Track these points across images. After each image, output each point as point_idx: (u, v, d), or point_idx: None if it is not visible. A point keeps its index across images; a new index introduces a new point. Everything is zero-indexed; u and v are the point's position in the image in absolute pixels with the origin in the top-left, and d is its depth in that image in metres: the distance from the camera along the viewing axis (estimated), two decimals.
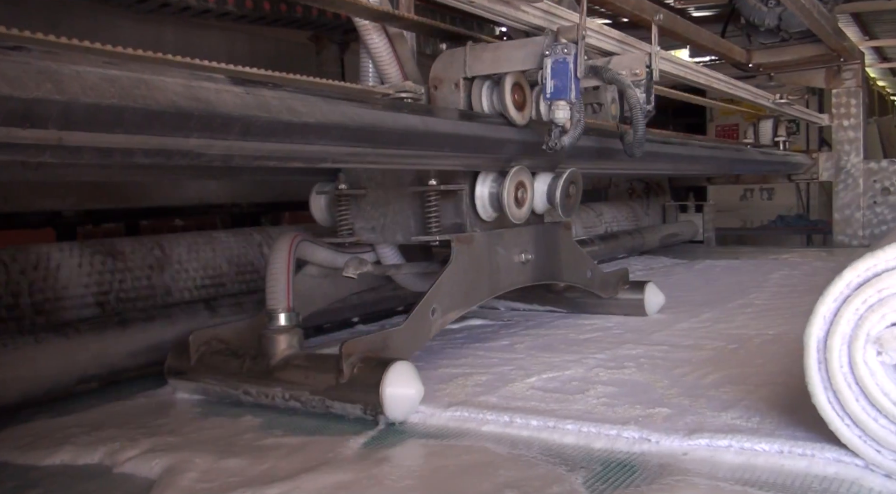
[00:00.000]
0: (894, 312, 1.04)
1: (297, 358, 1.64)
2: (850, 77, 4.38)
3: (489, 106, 1.95)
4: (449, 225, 1.94)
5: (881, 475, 1.05)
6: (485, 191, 1.94)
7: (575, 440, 1.28)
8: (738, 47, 4.00)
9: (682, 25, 2.85)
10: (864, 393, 1.05)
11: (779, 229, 6.37)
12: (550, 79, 1.78)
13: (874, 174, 4.36)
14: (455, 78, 1.94)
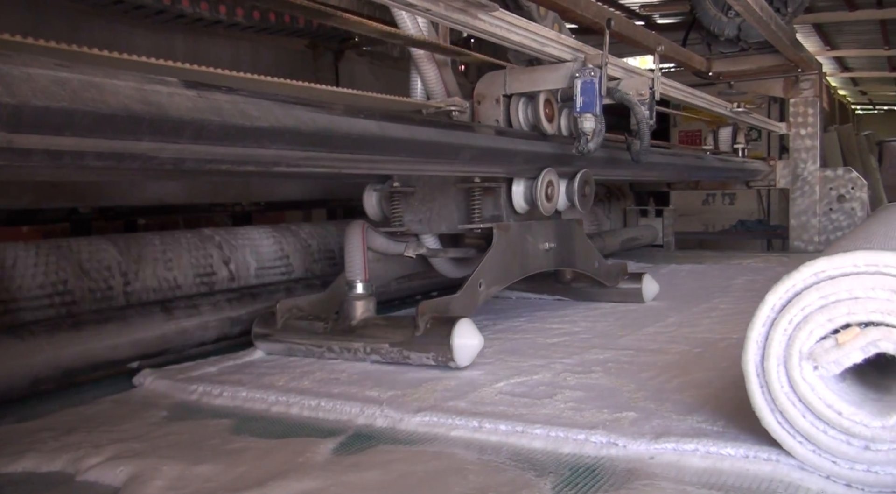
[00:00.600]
0: (821, 326, 1.07)
1: (375, 319, 2.02)
2: (808, 87, 4.50)
3: (524, 118, 2.37)
4: (489, 216, 2.31)
5: (842, 484, 1.07)
6: (520, 188, 2.33)
7: (543, 444, 1.28)
8: (698, 56, 4.08)
9: (641, 34, 2.90)
10: (810, 409, 1.07)
11: (739, 233, 6.48)
12: (580, 96, 2.16)
13: (830, 182, 4.47)
14: (496, 95, 2.36)
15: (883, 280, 1.04)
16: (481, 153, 2.05)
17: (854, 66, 14.16)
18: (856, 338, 1.03)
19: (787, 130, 4.57)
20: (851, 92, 17.91)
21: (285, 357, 2.02)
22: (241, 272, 2.32)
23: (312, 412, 1.53)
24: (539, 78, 2.34)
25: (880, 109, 21.08)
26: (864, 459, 1.04)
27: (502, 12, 1.90)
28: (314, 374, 1.80)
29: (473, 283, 2.09)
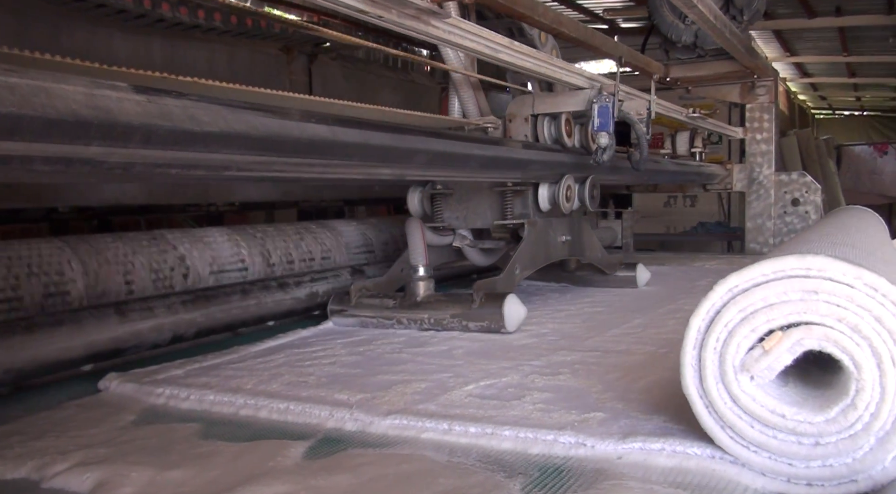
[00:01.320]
0: (746, 338, 1.10)
1: (436, 295, 2.49)
2: (764, 93, 4.60)
3: (548, 134, 2.86)
4: (518, 214, 2.78)
5: (804, 484, 1.09)
6: (545, 191, 2.78)
7: (513, 446, 1.29)
8: (655, 62, 4.14)
9: (599, 39, 2.97)
10: (756, 418, 1.09)
11: (700, 235, 6.60)
12: (597, 117, 2.67)
13: (785, 186, 4.57)
14: (525, 114, 2.86)
15: (793, 283, 1.08)
16: (511, 163, 2.49)
17: (814, 71, 14.45)
18: (780, 342, 1.07)
19: (743, 135, 4.66)
20: (811, 97, 18.26)
21: (253, 360, 2.00)
22: (197, 274, 2.30)
23: (281, 415, 1.52)
24: (561, 101, 2.87)
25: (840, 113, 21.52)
26: (817, 455, 1.06)
27: (456, 19, 1.94)
28: (282, 377, 1.79)
29: (512, 267, 2.58)
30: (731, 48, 3.66)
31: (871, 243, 1.68)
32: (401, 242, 3.14)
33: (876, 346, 1.04)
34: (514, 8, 2.26)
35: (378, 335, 2.32)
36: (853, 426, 1.04)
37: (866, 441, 1.04)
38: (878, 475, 1.04)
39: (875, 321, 1.04)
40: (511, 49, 2.29)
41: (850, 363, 1.05)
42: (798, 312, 1.08)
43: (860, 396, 1.04)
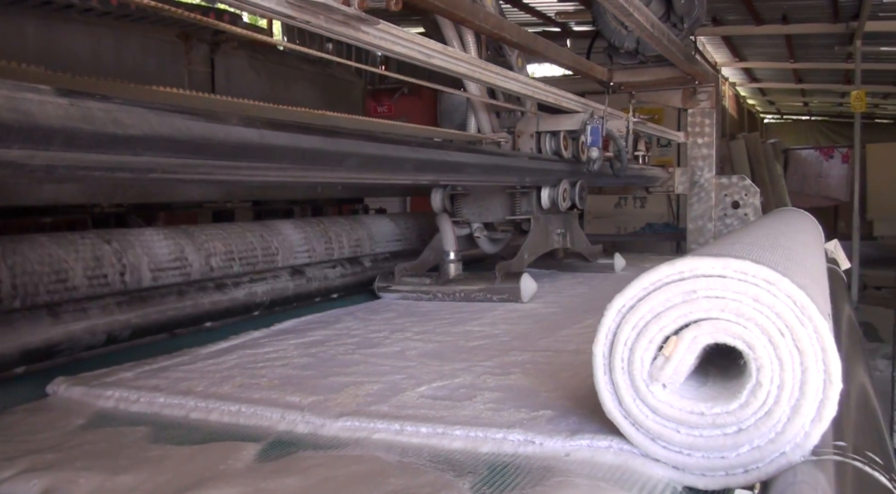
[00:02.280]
0: (646, 350, 1.14)
1: (464, 274, 3.19)
2: (705, 99, 4.72)
3: (549, 148, 3.47)
4: (525, 211, 3.43)
5: (741, 472, 1.12)
6: (545, 192, 3.39)
7: (463, 445, 1.31)
8: (599, 67, 4.25)
9: (542, 45, 3.04)
10: (679, 423, 1.13)
11: (647, 235, 6.74)
12: (590, 136, 3.43)
13: (725, 189, 4.70)
14: (530, 131, 3.51)
15: (672, 289, 1.13)
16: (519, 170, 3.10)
17: (762, 77, 14.80)
18: (676, 346, 1.11)
19: (685, 139, 4.77)
20: (760, 102, 18.69)
21: (204, 362, 1.99)
22: (135, 275, 2.28)
23: (232, 418, 1.52)
24: (560, 122, 3.52)
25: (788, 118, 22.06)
26: (743, 441, 1.10)
27: (386, 24, 1.95)
28: (234, 379, 1.79)
29: (522, 253, 3.24)
30: (670, 55, 3.76)
31: (777, 238, 1.76)
32: (347, 242, 3.28)
33: (762, 324, 1.09)
34: (454, 12, 2.29)
35: (331, 336, 2.32)
36: (765, 403, 1.09)
37: (781, 412, 1.08)
38: (803, 441, 1.08)
39: (754, 301, 1.09)
40: (444, 54, 2.33)
41: (745, 346, 1.10)
42: (685, 314, 1.13)
43: (762, 373, 1.08)
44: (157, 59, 3.26)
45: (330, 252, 3.18)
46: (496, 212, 3.48)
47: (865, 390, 1.55)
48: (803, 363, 1.08)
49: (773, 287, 1.09)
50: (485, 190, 3.43)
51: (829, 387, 1.07)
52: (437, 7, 2.18)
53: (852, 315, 2.46)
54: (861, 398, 1.46)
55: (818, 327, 1.08)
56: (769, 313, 1.09)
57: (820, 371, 1.07)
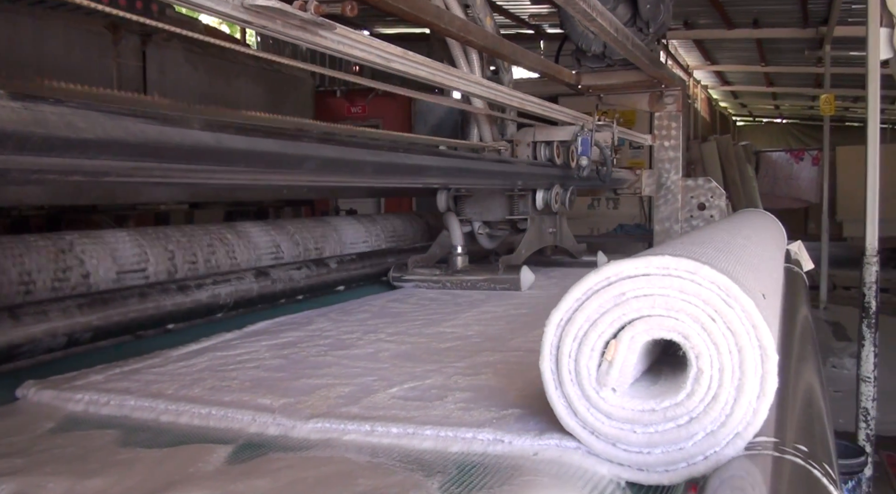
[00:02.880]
0: (590, 359, 1.16)
1: (470, 266, 3.53)
2: (672, 102, 4.79)
3: (544, 155, 3.90)
4: (522, 211, 3.73)
5: (701, 459, 1.13)
6: (540, 195, 3.73)
7: (433, 445, 1.32)
8: (567, 70, 4.30)
9: (508, 48, 3.09)
10: (634, 423, 1.15)
11: (619, 236, 6.82)
12: (580, 145, 3.75)
13: (691, 191, 4.77)
14: (527, 141, 4.00)
15: (603, 294, 1.16)
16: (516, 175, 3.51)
17: (734, 80, 14.99)
18: (616, 349, 1.14)
19: (652, 142, 4.83)
20: (732, 104, 18.93)
21: (175, 364, 1.98)
22: (98, 277, 2.27)
23: (203, 421, 1.51)
24: (554, 133, 3.93)
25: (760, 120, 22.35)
26: (696, 429, 1.12)
27: (345, 29, 1.97)
28: (205, 381, 1.78)
29: (520, 249, 3.60)
30: (635, 59, 3.85)
31: (728, 237, 1.80)
32: (313, 244, 3.31)
33: (692, 313, 1.12)
34: (420, 16, 2.30)
35: (303, 338, 2.32)
36: (710, 387, 1.11)
37: (727, 394, 1.11)
38: (752, 418, 1.11)
39: (681, 293, 1.13)
40: (405, 58, 2.35)
41: (680, 337, 1.13)
42: (618, 317, 1.15)
43: (701, 360, 1.11)
44: (82, 52, 3.09)
45: (296, 254, 3.17)
46: (496, 212, 3.78)
47: (812, 388, 1.59)
48: (738, 343, 1.11)
49: (695, 276, 1.12)
50: (485, 192, 3.72)
51: (767, 361, 1.10)
52: (402, 10, 2.19)
53: (808, 315, 2.51)
54: (806, 396, 1.49)
55: (745, 306, 1.11)
56: (697, 301, 1.12)
57: (755, 348, 1.10)
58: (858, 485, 3.18)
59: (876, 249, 4.03)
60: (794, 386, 1.48)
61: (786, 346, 1.77)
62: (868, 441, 3.86)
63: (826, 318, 7.88)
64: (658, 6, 4.14)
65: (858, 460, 3.23)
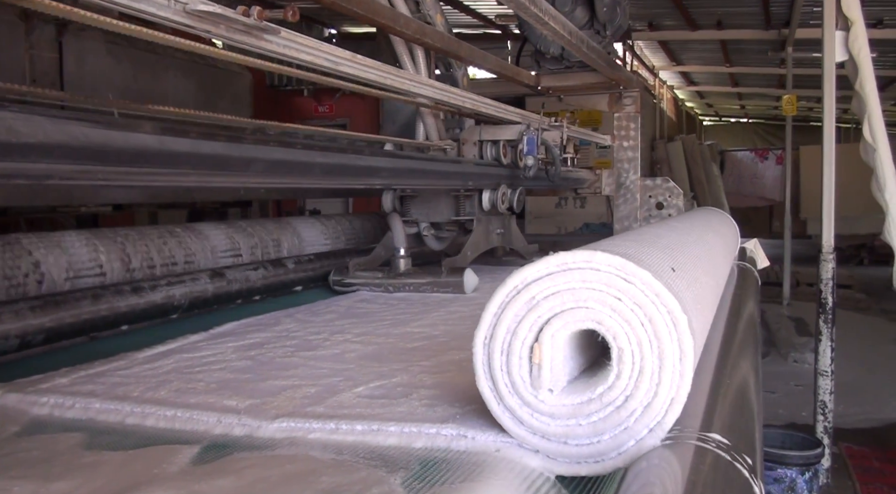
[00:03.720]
0: (521, 367, 1.20)
1: (413, 269, 3.44)
2: (630, 103, 4.86)
3: (490, 155, 3.81)
4: (468, 212, 3.67)
5: (646, 431, 1.16)
6: (486, 195, 3.65)
7: (397, 441, 1.33)
8: (525, 72, 4.36)
9: (465, 50, 3.14)
10: (580, 416, 1.18)
11: (585, 235, 6.91)
12: (526, 145, 3.72)
13: (650, 190, 4.86)
14: (474, 139, 3.89)
15: (516, 303, 1.21)
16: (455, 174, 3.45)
17: (699, 80, 15.18)
18: (540, 352, 1.18)
19: (612, 142, 4.90)
20: (699, 104, 19.16)
21: (141, 366, 1.98)
22: (51, 278, 2.26)
23: (169, 423, 1.52)
24: (501, 132, 3.86)
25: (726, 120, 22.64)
26: (630, 410, 1.16)
27: (290, 33, 1.98)
28: (171, 383, 1.78)
29: (465, 250, 3.51)
30: (590, 61, 3.90)
31: (661, 233, 1.86)
32: (272, 244, 3.30)
33: (599, 298, 1.17)
34: (375, 19, 2.33)
35: (270, 339, 2.33)
36: (634, 364, 1.16)
37: (651, 365, 1.15)
38: (681, 383, 1.15)
39: (584, 283, 1.18)
40: (353, 62, 2.37)
41: (594, 324, 1.18)
42: (534, 320, 1.20)
43: (619, 339, 1.16)
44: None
45: (253, 254, 3.17)
46: (442, 212, 3.71)
47: (746, 382, 1.64)
48: (647, 314, 1.15)
49: (592, 263, 1.17)
50: (431, 192, 3.63)
51: (678, 324, 1.15)
52: (358, 14, 2.22)
53: (755, 312, 2.57)
54: (739, 389, 1.55)
55: (644, 278, 1.16)
56: (600, 286, 1.17)
57: (664, 314, 1.15)
58: (815, 476, 3.26)
59: (832, 246, 4.13)
60: (728, 379, 1.53)
61: (726, 340, 1.83)
62: (826, 434, 3.96)
63: (789, 314, 8.03)
64: (615, 9, 4.21)
65: (815, 452, 3.32)
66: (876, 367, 5.94)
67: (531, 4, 2.58)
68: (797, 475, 3.17)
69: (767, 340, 7.14)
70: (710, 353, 1.66)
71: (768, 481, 3.25)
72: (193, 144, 1.75)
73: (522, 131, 3.74)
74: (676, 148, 11.88)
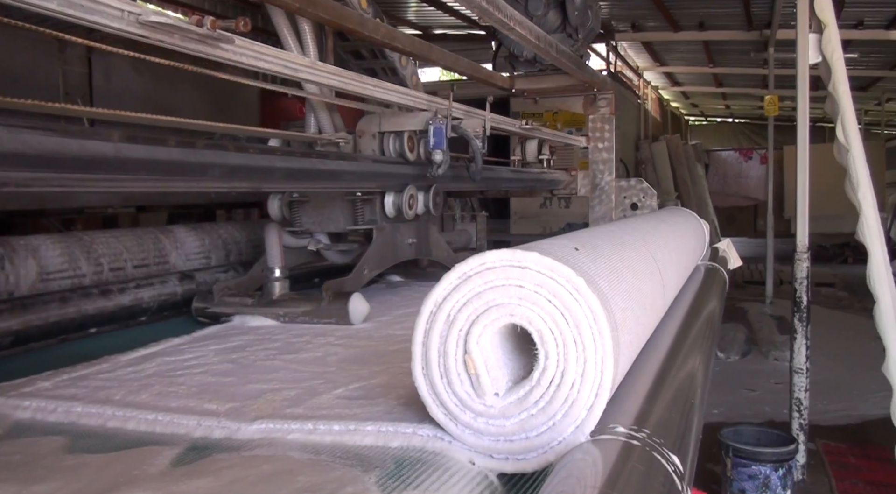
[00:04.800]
0: (461, 384, 1.24)
1: (290, 294, 2.81)
2: (605, 105, 4.91)
3: (393, 149, 3.15)
4: (368, 219, 3.06)
5: (584, 405, 1.20)
6: (390, 198, 3.08)
7: (374, 441, 1.36)
8: (500, 75, 4.38)
9: (437, 53, 3.19)
10: (534, 409, 1.22)
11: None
12: (432, 137, 3.01)
13: (624, 191, 4.93)
14: (373, 131, 3.17)
15: (437, 326, 1.27)
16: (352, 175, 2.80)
17: (683, 81, 15.25)
18: (472, 361, 1.22)
19: (586, 144, 4.94)
20: (684, 104, 19.24)
21: (122, 369, 1.99)
22: (22, 282, 2.27)
23: (149, 426, 1.54)
24: (404, 121, 3.17)
25: (712, 120, 22.72)
26: (568, 380, 1.20)
27: (246, 41, 2.00)
28: (153, 387, 1.80)
29: (360, 268, 2.90)
30: (560, 64, 3.92)
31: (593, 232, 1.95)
32: (242, 246, 3.30)
33: (505, 292, 1.22)
34: (342, 23, 2.36)
35: (252, 341, 2.35)
36: (558, 345, 1.20)
37: (577, 349, 1.19)
38: (605, 381, 1.19)
39: (486, 284, 1.24)
40: (314, 68, 2.37)
41: (509, 317, 1.22)
42: (456, 335, 1.25)
43: (534, 323, 1.21)
44: (27, 59, 3.04)
45: (224, 257, 3.18)
46: (337, 221, 3.09)
47: (691, 380, 1.67)
48: (564, 304, 1.20)
49: (485, 263, 1.24)
50: (325, 196, 3.07)
51: (579, 297, 1.19)
52: (327, 20, 2.23)
53: (717, 311, 2.59)
54: (683, 387, 1.59)
55: (531, 260, 1.21)
56: (502, 281, 1.23)
57: (570, 292, 1.19)
58: (789, 472, 3.32)
59: (806, 246, 4.19)
60: (672, 378, 1.57)
61: (678, 339, 1.87)
62: (802, 431, 4.02)
63: (771, 312, 8.08)
64: (586, 13, 4.24)
65: (788, 448, 3.37)
66: (856, 364, 6.00)
67: (495, 10, 2.57)
68: (771, 471, 3.23)
69: (749, 338, 7.19)
70: (657, 351, 1.70)
71: (743, 477, 3.29)
72: (149, 150, 1.78)
73: (429, 120, 3.04)
74: (661, 148, 11.95)
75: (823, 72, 3.65)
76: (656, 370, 1.55)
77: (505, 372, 1.25)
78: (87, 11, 1.53)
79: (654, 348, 1.71)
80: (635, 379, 1.45)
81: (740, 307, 8.58)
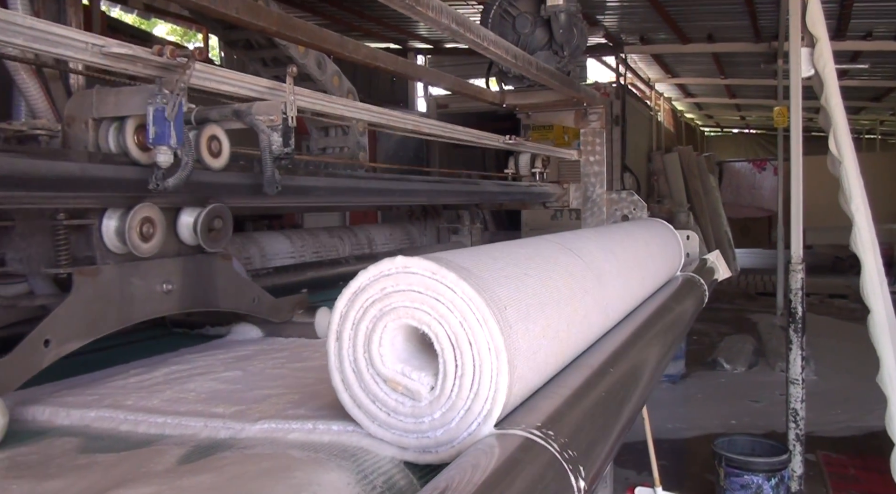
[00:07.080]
0: (398, 403, 1.32)
1: None
2: (596, 119, 4.98)
3: (115, 146, 1.96)
4: (81, 257, 1.94)
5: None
6: (111, 225, 1.94)
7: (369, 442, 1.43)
8: (489, 89, 4.56)
9: (421, 71, 3.25)
10: (454, 407, 1.29)
11: None
12: (153, 126, 1.82)
13: (615, 203, 5.00)
14: (86, 118, 1.96)
15: (342, 350, 1.36)
16: None
17: (696, 92, 15.31)
18: (396, 382, 1.30)
19: (578, 157, 5.03)
20: (699, 116, 19.26)
21: (134, 377, 2.08)
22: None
23: (159, 429, 1.62)
24: (124, 101, 1.94)
25: (728, 131, 22.71)
26: (468, 371, 1.27)
27: (209, 67, 2.04)
28: (163, 393, 1.88)
29: (34, 342, 1.73)
30: (543, 81, 4.00)
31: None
32: None
33: (419, 301, 1.28)
34: (322, 45, 2.40)
35: (258, 352, 2.42)
36: (453, 345, 1.26)
37: (470, 341, 1.25)
38: (499, 391, 1.25)
39: (382, 291, 1.30)
40: (276, 89, 2.32)
41: (412, 321, 1.29)
42: (362, 353, 1.32)
43: (432, 326, 1.27)
44: None
45: None
46: (49, 256, 1.96)
47: (625, 388, 1.72)
48: (460, 311, 1.26)
49: (380, 271, 1.30)
50: (33, 221, 1.96)
51: (455, 286, 1.25)
52: (305, 42, 2.28)
53: (684, 322, 2.60)
54: (610, 393, 1.63)
55: (412, 264, 1.28)
56: (399, 287, 1.29)
57: (473, 310, 1.25)
58: (781, 482, 3.34)
59: (801, 257, 4.24)
60: (601, 383, 1.62)
61: (624, 347, 1.92)
62: (798, 441, 4.04)
63: (781, 324, 8.11)
64: (571, 30, 4.33)
65: (780, 458, 3.40)
66: (864, 375, 6.00)
67: (467, 32, 2.59)
68: (763, 481, 3.26)
69: (757, 350, 7.20)
70: (594, 358, 1.75)
71: (735, 487, 3.33)
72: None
73: (148, 98, 1.81)
74: (673, 160, 11.99)
75: (816, 85, 3.72)
76: (586, 376, 1.61)
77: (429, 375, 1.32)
78: (53, 45, 1.60)
79: (595, 353, 1.78)
80: (557, 384, 1.53)
81: (750, 319, 8.59)
